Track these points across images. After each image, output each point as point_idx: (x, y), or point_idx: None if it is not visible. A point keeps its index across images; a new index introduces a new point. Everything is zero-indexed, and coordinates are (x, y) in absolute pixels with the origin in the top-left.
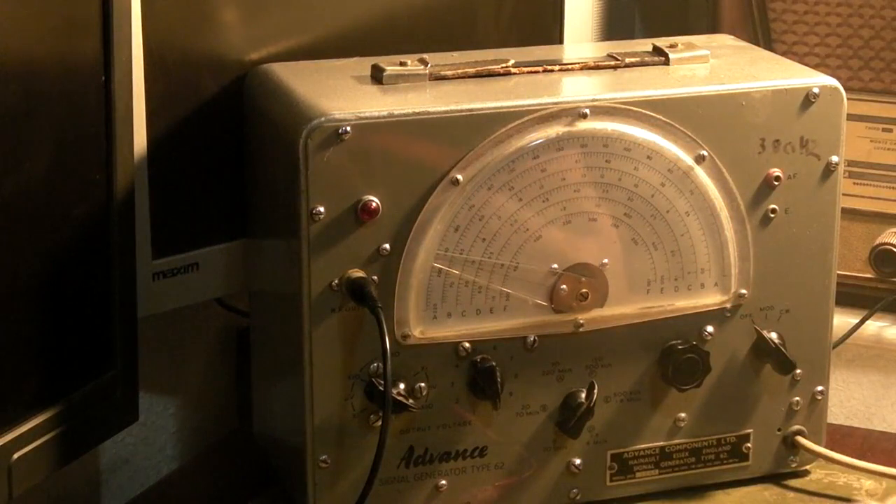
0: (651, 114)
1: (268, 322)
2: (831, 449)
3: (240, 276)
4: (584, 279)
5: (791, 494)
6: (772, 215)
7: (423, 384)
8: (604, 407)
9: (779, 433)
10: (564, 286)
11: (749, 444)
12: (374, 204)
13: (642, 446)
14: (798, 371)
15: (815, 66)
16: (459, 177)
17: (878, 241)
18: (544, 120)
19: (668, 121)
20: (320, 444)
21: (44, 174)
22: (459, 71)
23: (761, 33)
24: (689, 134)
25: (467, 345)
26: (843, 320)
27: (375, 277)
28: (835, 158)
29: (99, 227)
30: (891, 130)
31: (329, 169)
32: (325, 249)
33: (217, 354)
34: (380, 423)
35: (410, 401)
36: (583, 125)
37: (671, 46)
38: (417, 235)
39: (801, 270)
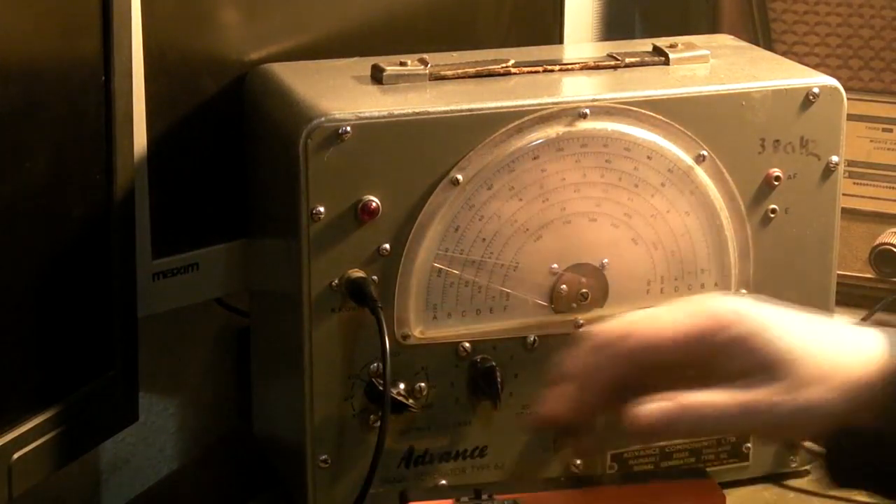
0: (651, 114)
1: (268, 322)
2: None
3: (240, 276)
4: (584, 279)
5: (791, 494)
6: (772, 215)
7: (423, 384)
8: None
9: None
10: (564, 286)
11: (749, 444)
12: (374, 204)
13: (643, 446)
14: None
15: (815, 66)
16: (459, 177)
17: (878, 241)
18: (544, 120)
19: (668, 121)
20: (320, 444)
21: (44, 174)
22: (459, 71)
23: (761, 33)
24: (689, 134)
25: (467, 345)
26: None
27: (375, 277)
28: (835, 158)
29: (99, 227)
30: (891, 130)
31: (329, 169)
32: (325, 249)
33: (217, 354)
34: (380, 423)
35: (410, 401)
36: (583, 125)
37: (671, 46)
38: (417, 235)
39: (801, 270)
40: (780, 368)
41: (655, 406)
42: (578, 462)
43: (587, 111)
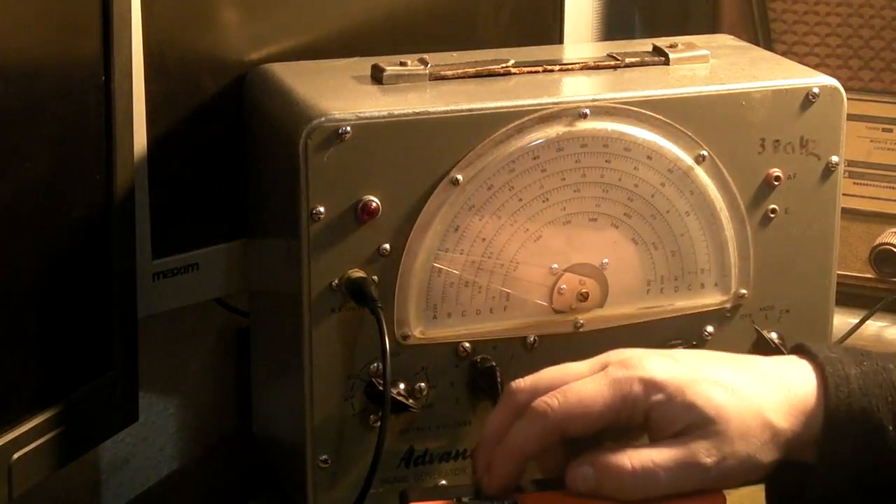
0: (651, 114)
1: (268, 322)
2: None
3: (240, 276)
4: (584, 279)
5: None
6: (772, 215)
7: (423, 384)
8: None
9: None
10: (564, 286)
11: None
12: (374, 204)
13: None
14: None
15: (815, 66)
16: (459, 177)
17: (878, 241)
18: (544, 120)
19: (668, 121)
20: (320, 444)
21: (44, 174)
22: (459, 71)
23: (761, 33)
24: (689, 134)
25: (467, 345)
26: (843, 320)
27: (375, 277)
28: (835, 158)
29: (99, 227)
30: (891, 130)
31: (329, 169)
32: (325, 249)
33: (217, 354)
34: (380, 423)
35: (410, 401)
36: (583, 125)
37: (671, 46)
38: (417, 235)
39: (801, 270)
40: (710, 427)
41: (589, 471)
42: None
43: (587, 111)
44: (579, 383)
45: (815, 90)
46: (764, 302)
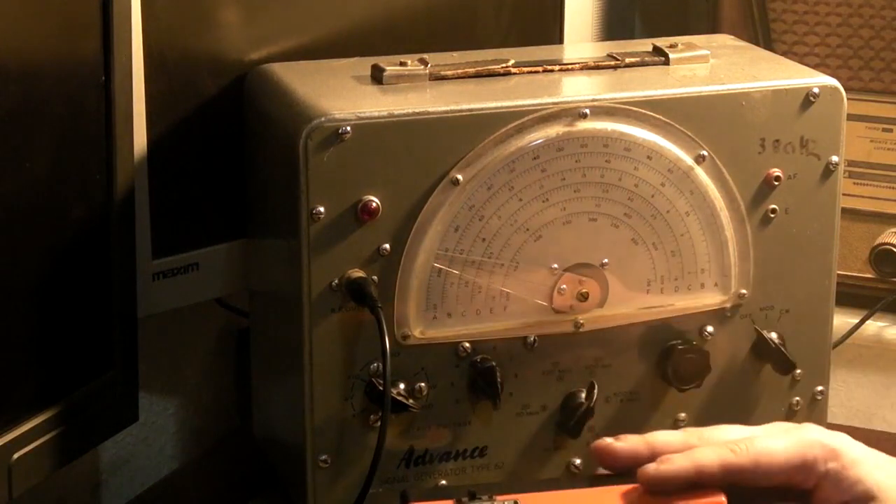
0: (651, 114)
1: (268, 322)
2: None
3: (240, 276)
4: (584, 279)
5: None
6: (772, 215)
7: (423, 384)
8: (604, 407)
9: None
10: (564, 286)
11: None
12: (374, 204)
13: None
14: (798, 371)
15: (815, 66)
16: (459, 177)
17: (878, 241)
18: (544, 120)
19: (668, 121)
20: (320, 444)
21: (44, 174)
22: (459, 71)
23: (761, 33)
24: (689, 134)
25: (467, 345)
26: (843, 320)
27: (375, 277)
28: (835, 158)
29: (99, 227)
30: (891, 130)
31: (329, 169)
32: (325, 249)
33: (217, 354)
34: (380, 423)
35: (410, 401)
36: (583, 125)
37: (671, 46)
38: (417, 235)
39: (801, 270)
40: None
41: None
42: (578, 462)
43: (587, 111)
44: (765, 436)
45: (815, 90)
46: (764, 302)
